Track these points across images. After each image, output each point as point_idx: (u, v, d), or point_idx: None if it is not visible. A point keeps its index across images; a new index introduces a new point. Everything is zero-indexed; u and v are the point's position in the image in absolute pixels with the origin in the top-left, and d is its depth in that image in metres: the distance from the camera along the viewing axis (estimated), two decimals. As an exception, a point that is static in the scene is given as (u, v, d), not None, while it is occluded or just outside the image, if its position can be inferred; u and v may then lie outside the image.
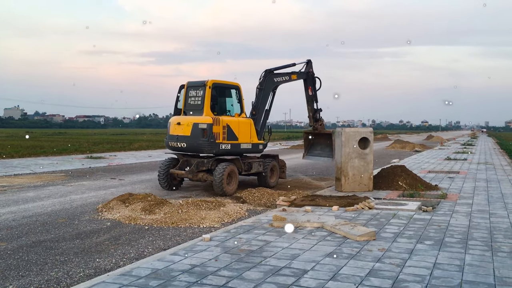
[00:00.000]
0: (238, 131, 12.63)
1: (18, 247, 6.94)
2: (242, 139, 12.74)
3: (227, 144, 12.32)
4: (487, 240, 6.82)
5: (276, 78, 13.97)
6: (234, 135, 12.50)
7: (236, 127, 12.61)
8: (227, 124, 12.35)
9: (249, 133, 12.94)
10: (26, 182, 14.45)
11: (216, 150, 12.11)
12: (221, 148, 12.18)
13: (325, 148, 14.76)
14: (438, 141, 55.78)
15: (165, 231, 7.97)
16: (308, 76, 14.88)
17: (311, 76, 14.95)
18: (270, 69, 13.85)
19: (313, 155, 15.31)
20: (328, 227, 7.43)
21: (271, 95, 13.94)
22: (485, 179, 14.93)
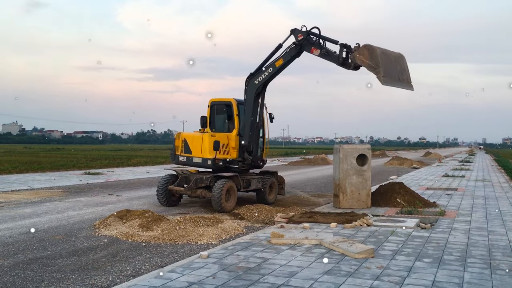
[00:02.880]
0: (192, 146, 13.13)
1: (15, 264, 6.89)
2: (194, 153, 13.08)
3: (183, 156, 13.29)
4: (485, 258, 6.80)
5: (257, 78, 12.66)
6: (189, 149, 13.19)
7: (191, 141, 13.20)
8: (184, 138, 13.38)
9: (200, 148, 12.95)
10: (23, 198, 14.40)
11: (176, 161, 13.56)
12: (179, 160, 13.43)
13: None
14: (436, 158, 55.87)
15: (162, 248, 7.93)
16: (302, 43, 12.07)
17: (306, 41, 11.99)
18: (252, 71, 12.82)
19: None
20: (326, 244, 7.41)
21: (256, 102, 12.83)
22: (483, 196, 14.93)
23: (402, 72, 11.48)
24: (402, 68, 11.51)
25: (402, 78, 11.45)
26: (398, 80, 11.35)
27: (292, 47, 12.17)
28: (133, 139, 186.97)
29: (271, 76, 12.56)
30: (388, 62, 11.12)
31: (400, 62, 11.53)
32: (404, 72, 11.54)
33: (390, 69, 11.09)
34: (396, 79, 11.27)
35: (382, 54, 11.08)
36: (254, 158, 13.14)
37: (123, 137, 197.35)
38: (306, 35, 11.97)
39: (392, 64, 11.25)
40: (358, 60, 11.18)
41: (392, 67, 11.19)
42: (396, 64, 11.35)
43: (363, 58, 11.05)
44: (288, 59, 12.27)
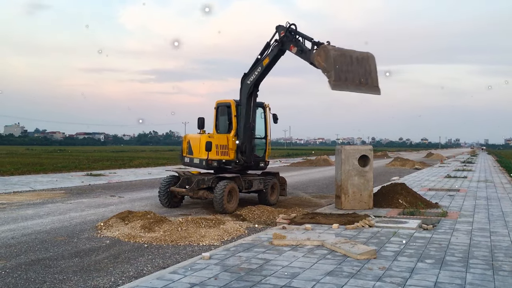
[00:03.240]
0: (193, 147, 13.31)
1: (17, 265, 6.90)
2: (195, 154, 13.23)
3: (188, 157, 13.52)
4: (488, 259, 6.79)
5: (249, 78, 12.60)
6: (191, 150, 13.41)
7: (193, 143, 13.39)
8: (189, 140, 13.57)
9: (199, 149, 13.07)
10: (25, 199, 14.42)
11: (182, 162, 13.85)
12: (184, 161, 13.69)
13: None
14: (438, 158, 55.79)
15: (164, 249, 7.93)
16: (283, 41, 11.91)
17: (286, 38, 11.83)
18: (246, 72, 12.75)
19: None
20: (328, 245, 7.40)
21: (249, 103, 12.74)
22: (486, 197, 14.91)
23: (366, 75, 10.84)
24: (367, 71, 10.85)
25: (365, 81, 10.83)
26: (357, 84, 10.75)
27: (275, 45, 12.11)
28: (135, 140, 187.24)
29: (260, 76, 12.46)
30: (345, 65, 10.58)
31: (365, 64, 10.86)
32: (369, 75, 10.87)
33: (348, 72, 10.57)
34: (354, 83, 10.70)
35: (339, 57, 10.53)
36: (248, 159, 12.99)
37: (125, 139, 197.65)
38: (285, 31, 11.83)
39: (353, 66, 10.68)
40: (315, 61, 10.88)
41: (351, 70, 10.63)
42: (358, 67, 10.75)
43: (320, 60, 10.71)
44: (272, 57, 12.17)
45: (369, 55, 10.94)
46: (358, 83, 10.76)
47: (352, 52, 10.81)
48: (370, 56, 10.93)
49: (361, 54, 10.89)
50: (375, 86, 10.93)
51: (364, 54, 10.91)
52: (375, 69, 10.93)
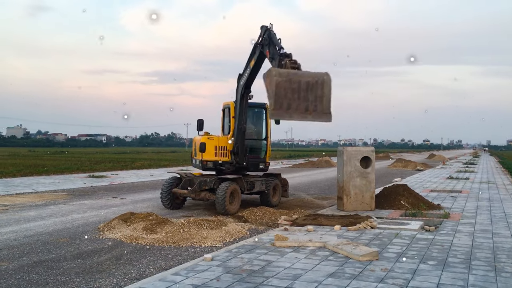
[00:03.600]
0: (195, 148, 13.57)
1: (20, 267, 6.91)
2: (197, 155, 13.46)
3: (194, 159, 13.86)
4: (490, 260, 6.78)
5: (241, 79, 12.65)
6: (195, 151, 13.71)
7: (195, 144, 13.65)
8: (195, 142, 13.76)
9: (197, 150, 13.27)
10: (28, 201, 14.45)
11: (192, 163, 14.23)
12: (192, 162, 14.14)
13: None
14: (440, 160, 55.71)
15: (166, 251, 7.94)
16: (262, 44, 11.72)
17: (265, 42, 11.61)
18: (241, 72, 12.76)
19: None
20: (330, 247, 7.40)
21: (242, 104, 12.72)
22: (488, 199, 14.88)
23: (316, 101, 10.04)
24: (318, 97, 10.06)
25: (314, 108, 10.03)
26: (303, 111, 10.04)
27: (257, 47, 12.00)
28: (137, 142, 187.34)
29: (249, 77, 12.36)
30: (290, 92, 9.89)
31: (316, 89, 10.09)
32: (319, 102, 10.08)
33: (293, 100, 9.89)
34: (298, 111, 10.01)
35: (283, 83, 9.87)
36: (240, 160, 12.92)
37: (127, 140, 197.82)
38: (263, 35, 11.70)
39: (300, 93, 9.95)
40: (265, 83, 10.18)
41: (297, 97, 9.93)
42: (307, 93, 10.01)
43: (266, 83, 10.03)
44: (256, 59, 12.03)
45: (324, 80, 10.12)
46: (303, 110, 10.03)
47: (303, 77, 10.09)
48: (324, 81, 10.11)
49: (314, 77, 10.12)
50: (326, 113, 10.15)
51: (318, 77, 10.14)
52: (329, 94, 10.15)
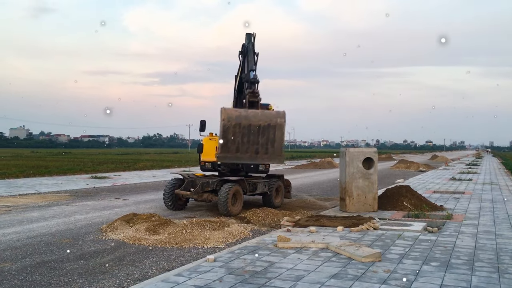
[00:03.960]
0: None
1: (23, 268, 6.93)
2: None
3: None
4: (493, 262, 6.76)
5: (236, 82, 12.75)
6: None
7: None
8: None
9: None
10: (30, 202, 14.48)
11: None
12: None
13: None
14: (442, 161, 55.61)
15: (169, 252, 7.95)
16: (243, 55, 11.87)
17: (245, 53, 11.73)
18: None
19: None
20: (333, 248, 7.39)
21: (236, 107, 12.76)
22: (491, 200, 14.84)
23: (267, 145, 9.88)
24: (269, 140, 9.86)
25: (264, 151, 9.90)
26: (252, 154, 9.99)
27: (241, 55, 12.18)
28: (139, 143, 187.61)
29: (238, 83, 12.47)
30: (240, 136, 9.78)
31: (267, 133, 9.86)
32: (270, 145, 9.91)
33: (242, 144, 9.81)
34: (247, 154, 9.96)
35: (232, 128, 9.76)
36: None
37: (129, 141, 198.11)
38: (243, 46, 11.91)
39: (250, 136, 9.82)
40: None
41: (247, 141, 9.81)
42: (257, 137, 9.85)
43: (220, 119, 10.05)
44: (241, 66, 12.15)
45: (276, 123, 9.88)
46: (253, 153, 9.96)
47: (255, 119, 9.83)
48: (277, 124, 9.88)
49: (266, 120, 9.88)
50: (278, 156, 10.04)
51: (271, 120, 9.90)
52: (281, 137, 9.94)
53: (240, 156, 10.06)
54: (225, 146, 9.84)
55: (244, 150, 9.91)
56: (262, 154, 9.95)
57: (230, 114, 9.89)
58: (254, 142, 9.82)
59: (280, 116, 9.75)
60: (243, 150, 9.92)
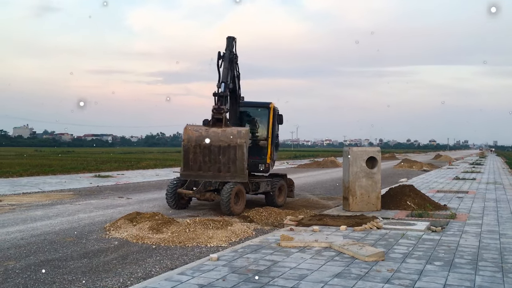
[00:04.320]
0: None
1: (27, 266, 6.95)
2: None
3: None
4: (497, 261, 6.75)
5: None
6: None
7: None
8: None
9: None
10: (34, 200, 14.52)
11: None
12: None
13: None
14: (446, 160, 55.48)
15: (172, 251, 7.96)
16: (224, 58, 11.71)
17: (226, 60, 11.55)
18: None
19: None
20: (336, 247, 7.39)
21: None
22: (495, 199, 14.80)
23: (229, 164, 10.14)
24: (231, 159, 10.11)
25: (226, 170, 10.19)
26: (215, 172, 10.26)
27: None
28: (143, 142, 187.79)
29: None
30: (200, 155, 10.09)
31: (228, 153, 10.16)
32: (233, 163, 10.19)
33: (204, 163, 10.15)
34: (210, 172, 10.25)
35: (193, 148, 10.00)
36: None
37: (133, 140, 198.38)
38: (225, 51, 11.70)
39: (211, 156, 10.09)
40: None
41: (208, 159, 10.09)
42: (219, 156, 10.15)
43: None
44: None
45: (237, 144, 10.08)
46: (216, 171, 10.20)
47: (215, 139, 10.04)
48: (238, 145, 10.09)
49: (226, 141, 10.10)
50: (240, 174, 10.23)
51: (231, 141, 10.11)
52: (242, 157, 10.12)
53: (202, 174, 10.37)
54: (187, 165, 10.11)
55: (206, 168, 10.31)
56: (225, 172, 10.28)
57: (190, 135, 10.20)
58: (216, 161, 10.16)
59: (241, 136, 9.89)
60: (205, 168, 10.34)
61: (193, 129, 10.14)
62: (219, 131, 10.00)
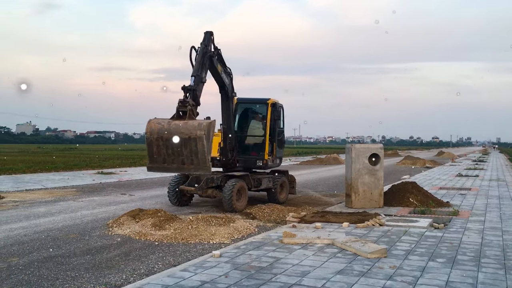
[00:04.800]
0: None
1: (30, 262, 6.98)
2: None
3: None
4: (500, 258, 6.73)
5: None
6: None
7: None
8: None
9: None
10: (37, 197, 14.57)
11: None
12: None
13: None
14: (449, 157, 55.37)
15: (175, 247, 7.97)
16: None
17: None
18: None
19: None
20: (339, 244, 7.39)
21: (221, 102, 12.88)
22: (497, 196, 14.77)
23: (191, 156, 10.09)
24: (192, 152, 10.05)
25: (190, 162, 10.14)
26: (179, 165, 10.23)
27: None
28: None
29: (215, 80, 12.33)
30: (164, 148, 10.06)
31: (189, 145, 10.05)
32: (194, 156, 10.08)
33: (167, 155, 10.08)
34: (173, 165, 10.23)
35: (155, 141, 10.02)
36: (224, 156, 12.83)
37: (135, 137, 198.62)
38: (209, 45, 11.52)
39: (174, 148, 10.05)
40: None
41: (171, 152, 10.07)
42: (181, 148, 10.06)
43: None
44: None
45: (196, 136, 10.01)
46: (180, 164, 10.24)
47: (177, 132, 10.06)
48: (197, 137, 10.00)
49: (187, 133, 10.05)
50: (203, 166, 10.22)
51: (191, 133, 10.05)
52: (203, 149, 10.09)
53: (167, 166, 10.38)
54: (152, 157, 10.17)
55: (170, 161, 10.30)
56: (188, 164, 10.28)
57: (152, 127, 10.23)
58: (179, 153, 10.16)
59: (201, 128, 9.86)
60: (170, 161, 10.32)
61: (156, 122, 10.22)
62: (181, 123, 10.03)
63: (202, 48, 11.12)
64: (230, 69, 12.54)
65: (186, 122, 10.02)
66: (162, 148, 10.15)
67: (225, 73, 12.28)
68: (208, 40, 11.36)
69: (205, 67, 11.06)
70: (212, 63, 11.45)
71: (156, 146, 10.14)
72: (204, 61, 11.12)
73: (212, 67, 11.54)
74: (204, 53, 11.11)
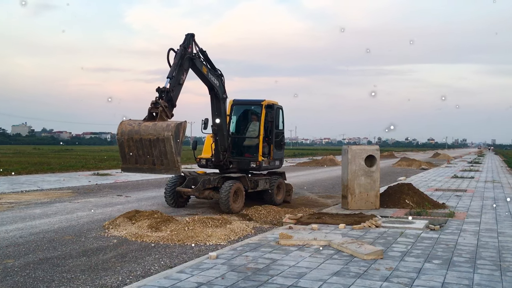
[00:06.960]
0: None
1: (25, 264, 6.95)
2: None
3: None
4: (495, 260, 6.76)
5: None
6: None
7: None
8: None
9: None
10: (33, 198, 14.51)
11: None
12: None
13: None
14: (444, 159, 55.55)
15: (171, 249, 7.96)
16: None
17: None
18: None
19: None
20: (335, 245, 7.40)
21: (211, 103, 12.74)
22: (493, 198, 14.83)
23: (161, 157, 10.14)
24: (161, 153, 10.09)
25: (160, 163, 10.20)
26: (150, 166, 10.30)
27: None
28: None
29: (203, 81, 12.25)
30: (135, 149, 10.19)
31: (158, 146, 10.08)
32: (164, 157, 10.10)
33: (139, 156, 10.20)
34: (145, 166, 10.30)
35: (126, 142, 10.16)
36: (216, 158, 12.84)
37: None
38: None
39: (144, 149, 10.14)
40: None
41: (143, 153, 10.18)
42: (150, 149, 10.13)
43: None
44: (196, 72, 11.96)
45: (164, 137, 10.02)
46: (151, 164, 10.31)
47: (145, 134, 10.15)
48: (165, 137, 10.02)
49: (155, 134, 10.11)
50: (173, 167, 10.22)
51: (159, 134, 10.09)
52: (171, 151, 10.11)
53: (140, 167, 10.45)
54: (124, 158, 10.27)
55: (142, 161, 10.38)
56: (159, 165, 10.33)
57: (123, 129, 10.35)
58: (149, 154, 10.23)
59: (168, 129, 9.93)
60: (141, 161, 10.40)
61: (127, 123, 10.30)
62: (151, 124, 10.11)
63: (180, 50, 11.04)
64: (220, 71, 12.45)
65: (155, 124, 10.07)
66: (133, 148, 10.24)
67: (214, 75, 12.17)
68: (188, 42, 11.25)
69: (182, 68, 11.02)
70: (195, 65, 11.37)
71: (128, 147, 10.23)
72: (182, 62, 11.03)
73: (195, 69, 11.47)
74: (182, 55, 11.04)
